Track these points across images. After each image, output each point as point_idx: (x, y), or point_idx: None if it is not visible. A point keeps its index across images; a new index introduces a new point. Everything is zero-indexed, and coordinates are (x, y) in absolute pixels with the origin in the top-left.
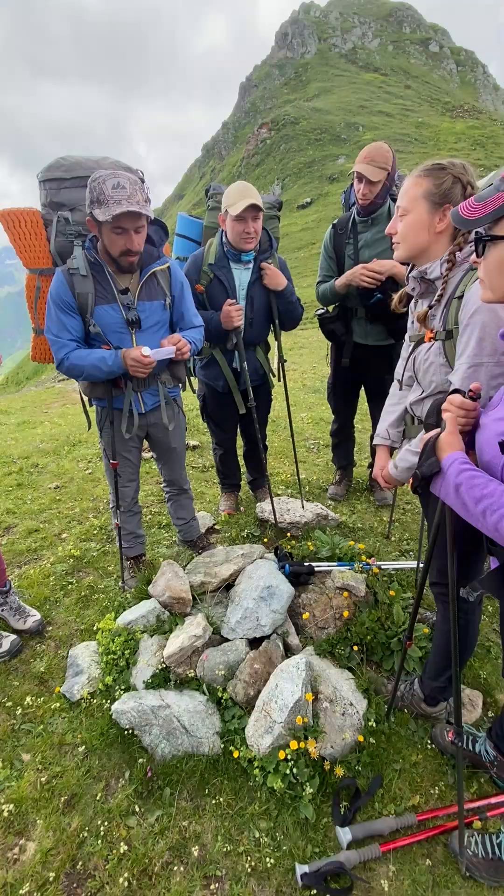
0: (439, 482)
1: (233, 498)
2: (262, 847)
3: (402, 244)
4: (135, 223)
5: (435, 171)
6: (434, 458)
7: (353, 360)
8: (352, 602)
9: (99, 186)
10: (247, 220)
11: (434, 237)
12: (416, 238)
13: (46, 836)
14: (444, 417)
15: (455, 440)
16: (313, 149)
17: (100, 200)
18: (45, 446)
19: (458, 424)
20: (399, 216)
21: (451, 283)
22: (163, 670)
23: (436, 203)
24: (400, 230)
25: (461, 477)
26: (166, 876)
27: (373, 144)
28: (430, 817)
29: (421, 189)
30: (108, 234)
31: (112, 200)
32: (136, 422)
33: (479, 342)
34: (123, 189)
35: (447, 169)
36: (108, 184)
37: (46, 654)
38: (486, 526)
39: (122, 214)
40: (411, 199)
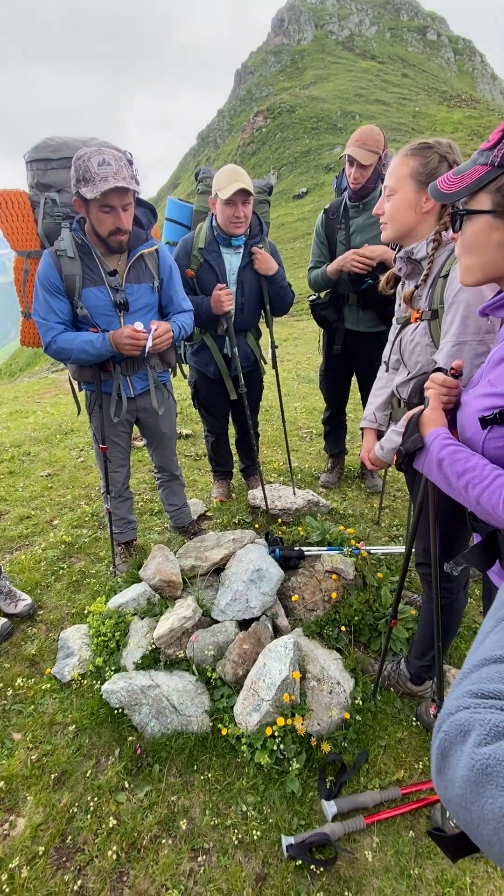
0: (422, 458)
1: (225, 485)
2: (249, 820)
3: (389, 224)
4: (122, 200)
5: (421, 150)
6: (417, 434)
7: (345, 347)
8: (341, 584)
9: (84, 164)
10: (236, 204)
11: (421, 217)
12: (403, 218)
13: (36, 812)
14: (427, 394)
15: (438, 416)
16: (309, 137)
17: (86, 178)
18: (37, 435)
19: (441, 402)
20: (386, 196)
21: (437, 262)
22: (153, 651)
23: (422, 182)
24: (387, 210)
25: (444, 452)
26: (154, 849)
27: (364, 127)
28: (413, 791)
29: (408, 168)
30: (96, 213)
31: (98, 177)
32: (125, 406)
33: (463, 320)
34: (109, 166)
35: (433, 148)
36: (94, 161)
37: (37, 637)
38: (468, 500)
39: (109, 191)
40: (398, 178)
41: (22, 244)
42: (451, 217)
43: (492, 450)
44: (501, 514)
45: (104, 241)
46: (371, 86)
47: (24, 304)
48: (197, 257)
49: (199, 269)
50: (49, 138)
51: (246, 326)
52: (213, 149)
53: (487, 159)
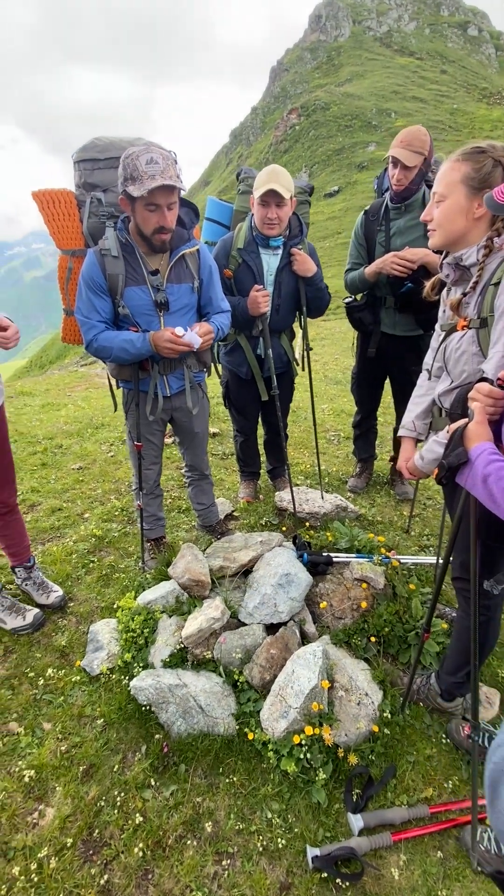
0: (466, 473)
1: (252, 486)
2: (274, 828)
3: (438, 231)
4: (168, 199)
5: (474, 154)
6: (461, 448)
7: (380, 351)
8: (370, 594)
9: (132, 163)
10: (269, 205)
11: (472, 223)
12: (453, 225)
13: (65, 803)
14: (472, 406)
15: (483, 430)
16: (343, 135)
17: (133, 177)
18: (69, 428)
19: (486, 414)
20: (435, 202)
21: (488, 269)
22: (181, 650)
23: (474, 188)
24: (436, 217)
25: (490, 468)
26: (179, 849)
27: (410, 128)
28: (442, 810)
29: (459, 174)
30: (141, 212)
31: (146, 176)
32: (161, 405)
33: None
34: (157, 164)
35: (487, 152)
36: (142, 159)
37: (68, 628)
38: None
39: (156, 189)
40: (448, 184)
41: (67, 243)
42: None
43: None
44: None
45: (147, 240)
46: (408, 82)
47: (67, 302)
48: (235, 257)
49: (237, 269)
50: (97, 139)
51: (281, 328)
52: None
53: None
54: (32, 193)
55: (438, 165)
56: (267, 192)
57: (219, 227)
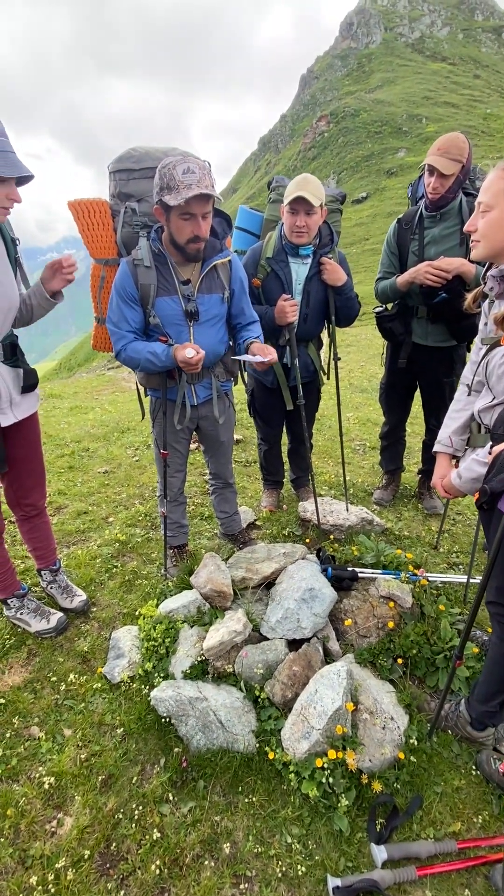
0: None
1: (275, 495)
2: (294, 853)
3: (482, 242)
4: (203, 208)
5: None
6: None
7: (410, 361)
8: (397, 613)
9: (169, 172)
10: (298, 213)
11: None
12: (499, 236)
13: (83, 813)
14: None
15: None
16: (372, 142)
17: (170, 186)
18: (96, 432)
19: None
20: (480, 212)
21: None
22: (201, 662)
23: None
24: (480, 227)
25: None
26: (196, 869)
27: (448, 135)
28: (471, 846)
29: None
30: (176, 221)
31: (183, 185)
32: (188, 414)
33: None
34: (193, 174)
35: None
36: (179, 169)
37: (90, 634)
38: None
39: (193, 198)
40: (496, 193)
41: (101, 252)
42: None
43: None
44: None
45: (181, 250)
46: (440, 88)
47: (99, 310)
48: (264, 266)
49: (265, 278)
50: (132, 149)
51: (308, 337)
52: (273, 154)
53: None
54: (68, 203)
55: (476, 174)
56: (295, 199)
57: (249, 235)
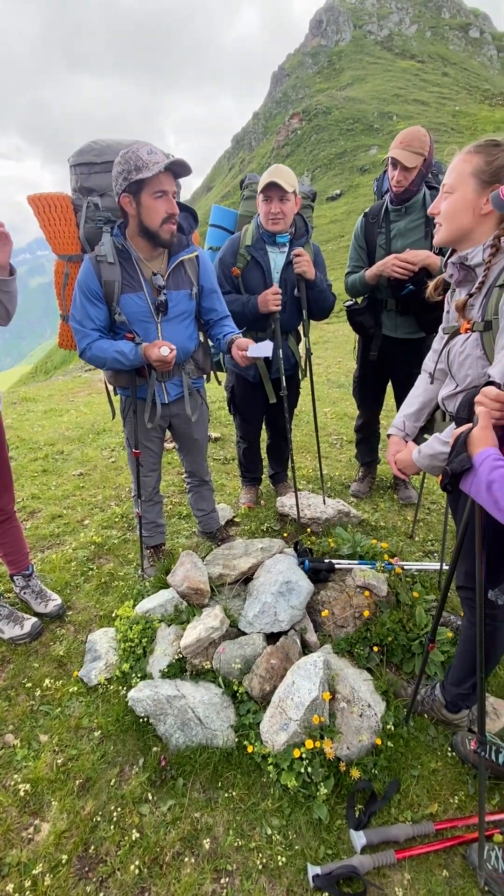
0: (470, 479)
1: (253, 491)
2: (274, 844)
3: (444, 225)
4: (172, 186)
5: (488, 147)
6: (465, 453)
7: (382, 354)
8: (373, 602)
9: (134, 154)
10: (272, 199)
11: (479, 220)
12: (460, 220)
13: (60, 818)
14: (477, 411)
15: (488, 435)
16: (345, 139)
17: (138, 166)
18: (71, 434)
19: (494, 418)
20: (443, 194)
21: (494, 270)
22: (179, 660)
23: (485, 182)
24: (443, 210)
25: (494, 474)
26: (177, 866)
27: (410, 129)
28: (448, 827)
29: (470, 166)
30: (149, 201)
31: (151, 162)
32: (159, 412)
33: None
34: (157, 153)
35: (501, 146)
36: (143, 150)
37: (66, 638)
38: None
39: (168, 168)
40: (458, 176)
41: (63, 248)
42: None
43: None
44: None
45: (154, 236)
46: (410, 85)
47: (64, 308)
48: (244, 255)
49: (245, 266)
50: (93, 142)
51: (288, 328)
52: (247, 151)
53: None
54: (28, 198)
55: (441, 168)
56: (268, 185)
57: (224, 232)
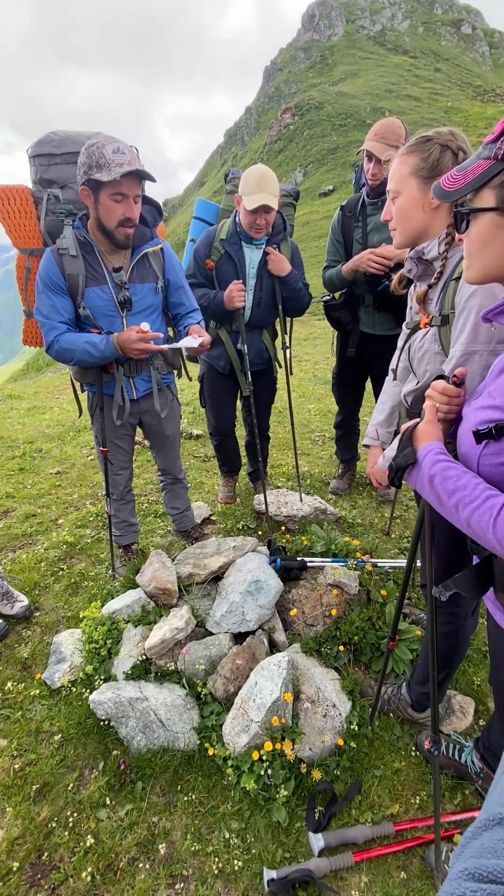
0: (415, 473)
1: (231, 484)
2: (232, 848)
3: (398, 229)
4: (135, 190)
5: (420, 144)
6: (410, 447)
7: (360, 350)
8: (343, 600)
9: (98, 150)
10: (259, 212)
11: (430, 215)
12: (412, 220)
13: (14, 825)
14: (424, 406)
15: (432, 429)
16: (337, 135)
17: (100, 164)
18: (51, 431)
19: (441, 412)
20: (391, 199)
21: (450, 263)
22: (143, 661)
23: (426, 178)
24: (394, 214)
25: (435, 468)
26: (131, 872)
27: (384, 121)
28: (408, 828)
29: (408, 167)
30: (106, 202)
31: (114, 163)
32: (128, 408)
33: (473, 328)
34: (123, 154)
35: (433, 139)
36: (108, 147)
37: (31, 639)
38: (458, 520)
39: (127, 174)
40: (399, 179)
41: (24, 241)
42: (454, 217)
43: (487, 467)
44: (491, 537)
45: (110, 235)
46: (402, 81)
47: (27, 303)
48: (218, 249)
49: (219, 260)
50: (53, 132)
51: (262, 324)
52: (240, 147)
53: (491, 153)
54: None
55: None
56: (261, 206)
57: (206, 225)
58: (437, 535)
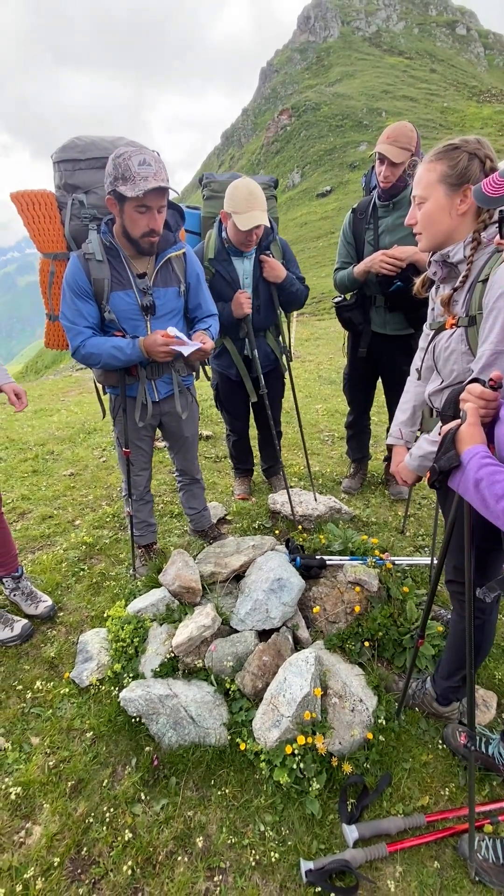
0: (458, 477)
1: (246, 483)
2: (267, 841)
3: (424, 234)
4: (159, 202)
5: (448, 151)
6: (453, 451)
7: (371, 350)
8: (364, 597)
9: (125, 163)
10: (251, 231)
11: (457, 220)
12: (439, 225)
13: (52, 821)
14: (464, 408)
15: (476, 432)
16: (334, 135)
17: (125, 177)
18: (61, 434)
19: (479, 415)
20: (416, 205)
21: (476, 265)
22: (171, 659)
23: (454, 185)
24: (420, 219)
25: (482, 472)
26: (170, 865)
27: (396, 124)
28: (439, 819)
29: (435, 174)
30: (131, 213)
31: (139, 177)
32: (150, 410)
33: (502, 328)
34: (149, 166)
35: (460, 147)
36: (135, 160)
37: (57, 639)
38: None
39: (151, 190)
40: (426, 185)
41: (48, 246)
42: (499, 222)
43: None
44: None
45: (134, 243)
46: (398, 82)
47: (50, 307)
48: (209, 268)
49: (211, 278)
50: (77, 138)
51: (264, 326)
52: (237, 148)
53: None
54: (11, 195)
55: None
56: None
57: (189, 234)
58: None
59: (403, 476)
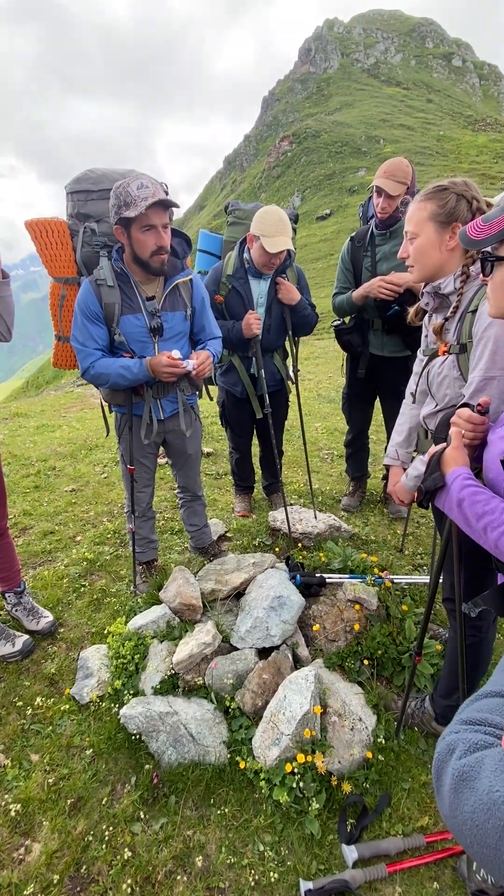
0: (443, 497)
1: (247, 500)
2: (266, 861)
3: (416, 267)
4: (162, 219)
5: (437, 192)
6: (438, 472)
7: (369, 371)
8: (363, 615)
9: (125, 190)
10: (278, 255)
11: (447, 254)
12: (429, 259)
13: (52, 838)
14: (451, 432)
15: (459, 455)
16: (333, 161)
17: (127, 203)
18: (63, 450)
19: (466, 439)
20: (409, 240)
21: (466, 296)
22: (171, 676)
23: (443, 223)
24: (412, 253)
25: (464, 492)
26: (169, 885)
27: (393, 160)
28: (438, 839)
29: (426, 212)
30: (138, 235)
31: (139, 198)
32: (156, 428)
33: (491, 355)
34: (147, 188)
35: (449, 189)
36: (133, 185)
37: (57, 655)
38: (487, 542)
39: (151, 207)
40: (417, 222)
41: (60, 271)
42: (481, 262)
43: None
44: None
45: (146, 265)
46: (396, 111)
47: (59, 328)
48: (226, 284)
49: (227, 294)
50: (90, 170)
51: (273, 346)
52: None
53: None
54: (26, 223)
55: None
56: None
57: (211, 257)
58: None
59: (400, 496)
